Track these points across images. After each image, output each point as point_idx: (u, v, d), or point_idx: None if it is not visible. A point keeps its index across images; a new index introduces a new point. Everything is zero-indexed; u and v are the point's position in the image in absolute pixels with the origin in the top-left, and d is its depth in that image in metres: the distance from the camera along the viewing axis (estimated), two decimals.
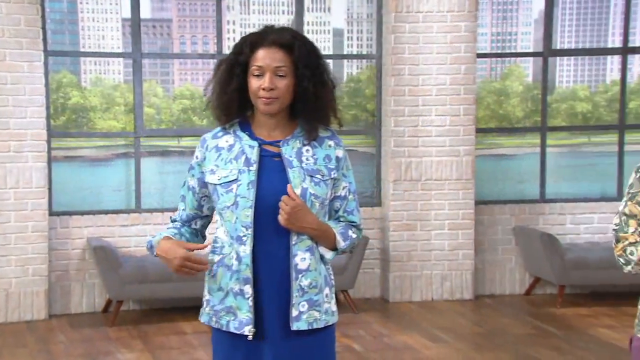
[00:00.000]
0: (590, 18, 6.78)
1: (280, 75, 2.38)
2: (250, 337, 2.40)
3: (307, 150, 2.43)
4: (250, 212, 2.37)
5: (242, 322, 2.40)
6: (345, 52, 6.67)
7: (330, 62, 6.64)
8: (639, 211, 2.55)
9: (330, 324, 2.45)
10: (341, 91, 6.71)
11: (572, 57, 6.81)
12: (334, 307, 2.50)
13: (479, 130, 6.62)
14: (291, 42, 2.39)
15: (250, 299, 2.39)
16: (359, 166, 6.67)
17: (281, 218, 2.35)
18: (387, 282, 6.55)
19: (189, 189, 2.51)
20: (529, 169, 6.80)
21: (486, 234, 6.72)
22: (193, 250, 2.38)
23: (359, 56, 6.66)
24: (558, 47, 6.72)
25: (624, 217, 2.55)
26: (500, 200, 6.75)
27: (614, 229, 2.59)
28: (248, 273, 2.39)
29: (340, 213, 2.50)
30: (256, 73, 2.39)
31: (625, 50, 6.65)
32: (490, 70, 6.84)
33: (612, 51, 6.74)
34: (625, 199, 2.60)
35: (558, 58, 6.77)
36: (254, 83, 2.39)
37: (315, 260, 2.43)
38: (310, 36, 6.57)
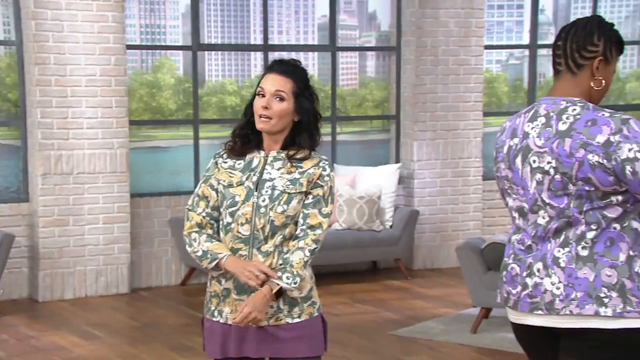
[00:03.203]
0: (234, 15, 7.05)
1: None
2: None
3: None
4: None
5: None
6: None
7: None
8: (210, 193, 2.75)
9: None
10: None
11: (220, 52, 7.03)
12: None
13: (132, 123, 6.57)
14: None
15: None
16: (2, 160, 6.30)
17: None
18: (36, 281, 6.25)
19: None
20: (183, 161, 6.90)
21: (142, 227, 6.70)
22: None
23: None
24: (206, 42, 6.91)
25: (196, 198, 2.76)
26: (156, 193, 6.77)
27: (187, 208, 2.79)
28: None
29: None
30: None
31: (266, 47, 7.04)
32: (142, 62, 6.82)
33: (255, 48, 7.09)
34: (201, 181, 2.80)
35: (207, 52, 6.95)
36: None
37: None
38: None
